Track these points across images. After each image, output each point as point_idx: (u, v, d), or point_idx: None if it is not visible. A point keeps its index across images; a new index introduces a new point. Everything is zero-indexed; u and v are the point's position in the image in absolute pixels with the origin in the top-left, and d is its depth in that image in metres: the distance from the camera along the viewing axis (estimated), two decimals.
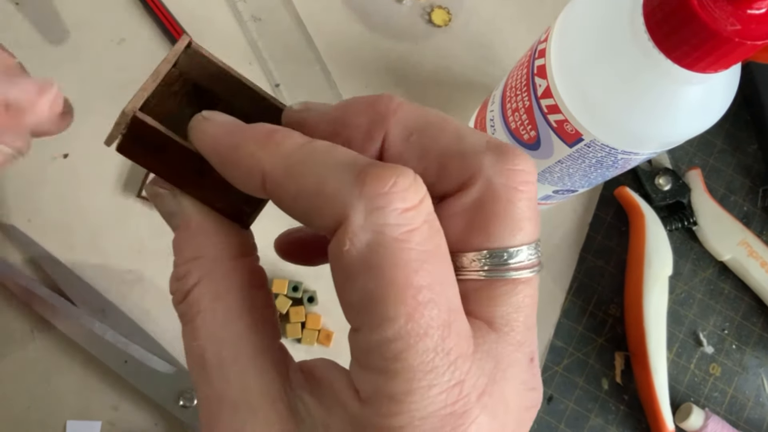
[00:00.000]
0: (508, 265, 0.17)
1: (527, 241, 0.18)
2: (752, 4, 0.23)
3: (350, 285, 0.16)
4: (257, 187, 0.17)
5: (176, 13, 0.42)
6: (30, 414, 0.36)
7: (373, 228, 0.15)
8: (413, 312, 0.15)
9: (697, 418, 0.40)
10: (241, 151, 0.17)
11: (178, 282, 0.19)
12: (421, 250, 0.16)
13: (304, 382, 0.18)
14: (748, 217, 0.46)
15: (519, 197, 0.17)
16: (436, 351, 0.15)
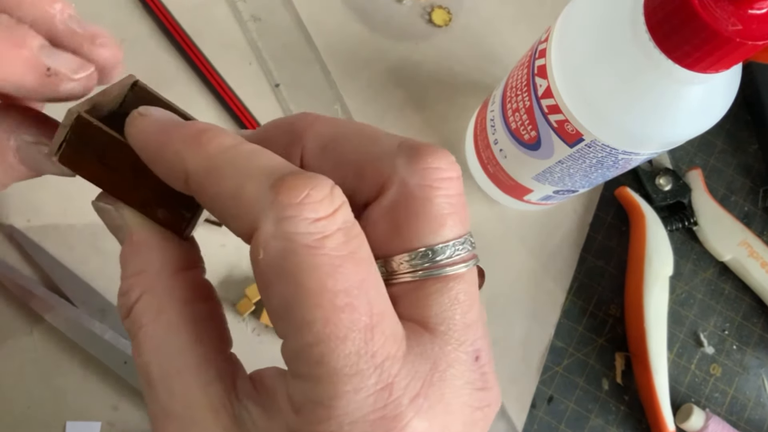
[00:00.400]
0: (436, 263, 0.17)
1: (452, 236, 0.17)
2: (753, 4, 0.23)
3: (269, 292, 0.16)
4: (182, 186, 0.18)
5: (176, 13, 0.42)
6: (29, 414, 0.36)
7: (283, 236, 0.15)
8: (330, 315, 0.15)
9: (698, 418, 0.40)
10: (168, 148, 0.18)
11: (122, 297, 0.19)
12: (335, 256, 0.16)
13: (252, 392, 0.18)
14: (748, 218, 0.46)
15: (436, 194, 0.18)
16: (359, 354, 0.15)
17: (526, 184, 0.38)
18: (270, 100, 0.43)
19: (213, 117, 0.42)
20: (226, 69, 0.42)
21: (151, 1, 0.42)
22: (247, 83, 0.43)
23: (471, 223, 0.39)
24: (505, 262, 0.43)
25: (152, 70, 0.42)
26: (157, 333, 0.18)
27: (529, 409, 0.41)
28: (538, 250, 0.43)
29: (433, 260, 0.17)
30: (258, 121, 0.41)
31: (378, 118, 0.44)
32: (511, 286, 0.42)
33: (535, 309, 0.42)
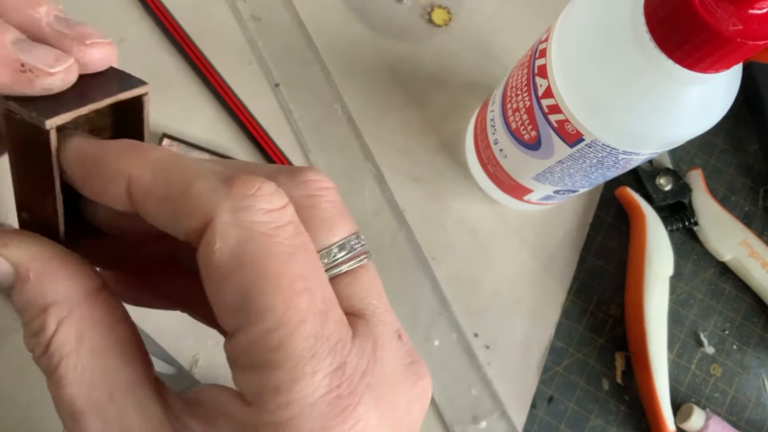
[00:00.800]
0: (339, 259, 0.18)
1: (346, 234, 0.19)
2: (754, 4, 0.23)
3: (225, 285, 0.16)
4: (120, 193, 0.17)
5: (176, 13, 0.42)
6: (30, 413, 0.36)
7: (240, 225, 0.16)
8: (290, 299, 0.16)
9: (698, 418, 0.40)
10: (107, 156, 0.17)
11: (35, 338, 0.18)
12: (290, 244, 0.16)
13: (185, 408, 0.18)
14: (749, 218, 0.46)
15: (320, 201, 0.19)
16: (316, 337, 0.16)
17: (526, 184, 0.38)
18: (270, 100, 0.43)
19: (213, 117, 0.42)
20: (225, 69, 0.42)
21: (151, 1, 0.42)
22: (246, 83, 0.43)
23: (472, 222, 0.39)
24: (505, 262, 0.43)
25: (152, 70, 0.42)
26: (81, 361, 0.18)
27: (529, 409, 0.41)
28: (538, 249, 0.43)
29: (336, 257, 0.18)
30: (258, 121, 0.41)
31: (378, 118, 0.44)
32: (511, 285, 0.42)
33: (535, 309, 0.42)
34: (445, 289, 0.41)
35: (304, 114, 0.42)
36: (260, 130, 0.41)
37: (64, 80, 0.18)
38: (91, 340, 0.18)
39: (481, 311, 0.42)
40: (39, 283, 0.18)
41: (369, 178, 0.42)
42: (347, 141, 0.43)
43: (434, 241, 0.42)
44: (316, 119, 0.43)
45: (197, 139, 0.41)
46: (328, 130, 0.42)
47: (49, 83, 0.18)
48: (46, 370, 0.18)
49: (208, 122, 0.42)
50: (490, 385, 0.40)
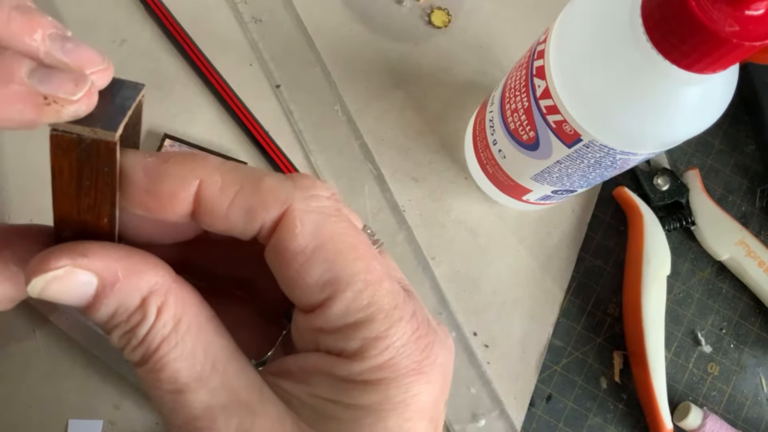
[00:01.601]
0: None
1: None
2: (750, 5, 0.23)
3: (310, 263, 0.18)
4: (187, 198, 0.18)
5: (177, 15, 0.43)
6: (32, 413, 0.36)
7: (313, 210, 0.19)
8: (369, 264, 0.19)
9: (696, 417, 0.40)
10: (172, 164, 0.18)
11: (130, 333, 0.18)
12: (349, 223, 0.19)
13: (274, 375, 0.20)
14: (746, 217, 0.46)
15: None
16: (392, 292, 0.19)
17: (524, 184, 0.38)
18: (271, 101, 0.43)
19: (214, 118, 0.42)
20: (227, 70, 0.42)
21: (152, 2, 0.42)
22: (247, 84, 0.43)
23: (471, 222, 0.39)
24: (504, 262, 0.43)
25: (153, 71, 0.42)
26: (182, 339, 0.18)
27: (527, 407, 0.41)
28: (536, 249, 0.43)
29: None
30: (259, 122, 0.41)
31: (378, 118, 0.44)
32: (510, 285, 0.43)
33: (534, 308, 0.43)
34: (445, 288, 0.42)
35: (305, 114, 0.43)
36: (261, 131, 0.41)
37: (88, 105, 0.18)
38: (188, 319, 0.19)
39: (480, 310, 0.42)
40: (131, 280, 0.18)
41: (369, 178, 0.42)
42: (347, 141, 0.43)
43: (434, 241, 0.42)
44: (317, 120, 0.43)
45: (198, 140, 0.41)
46: (328, 130, 0.43)
47: (75, 110, 0.18)
48: (142, 358, 0.18)
49: (209, 123, 0.42)
50: (489, 384, 0.41)
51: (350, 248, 0.19)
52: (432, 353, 0.19)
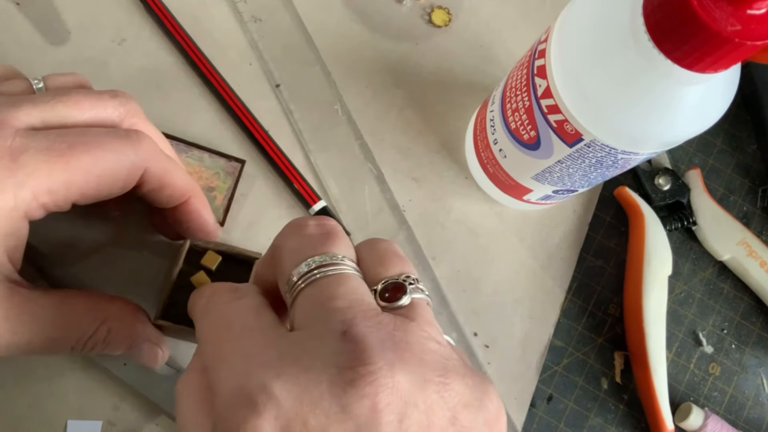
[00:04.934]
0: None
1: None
2: (752, 4, 0.23)
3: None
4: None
5: (177, 14, 0.43)
6: (31, 413, 0.36)
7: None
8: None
9: (697, 417, 0.40)
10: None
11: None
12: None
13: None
14: (747, 217, 0.46)
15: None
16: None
17: (525, 184, 0.38)
18: (270, 101, 0.43)
19: (213, 117, 0.42)
20: (226, 69, 0.42)
21: (152, 2, 0.42)
22: (247, 84, 0.43)
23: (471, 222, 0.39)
24: (505, 262, 0.43)
25: (153, 70, 0.42)
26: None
27: (528, 408, 0.41)
28: (537, 249, 0.43)
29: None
30: (258, 122, 0.41)
31: (378, 118, 0.44)
32: (510, 285, 0.42)
33: (535, 308, 0.42)
34: (445, 288, 0.41)
35: (305, 114, 0.43)
36: (261, 131, 0.41)
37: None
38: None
39: (480, 311, 0.42)
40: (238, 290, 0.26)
41: (369, 178, 0.42)
42: (347, 141, 0.43)
43: (434, 241, 0.42)
44: (317, 119, 0.43)
45: (198, 139, 0.41)
46: (328, 130, 0.43)
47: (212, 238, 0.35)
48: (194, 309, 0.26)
49: (208, 122, 0.42)
50: None
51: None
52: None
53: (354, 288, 0.22)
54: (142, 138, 0.30)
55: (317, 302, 0.22)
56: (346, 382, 0.19)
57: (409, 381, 0.20)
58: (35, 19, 0.42)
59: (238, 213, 0.41)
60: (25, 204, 0.27)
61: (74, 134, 0.28)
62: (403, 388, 0.20)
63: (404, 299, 0.23)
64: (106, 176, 0.29)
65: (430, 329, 0.22)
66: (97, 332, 0.31)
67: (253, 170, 0.41)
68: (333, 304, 0.21)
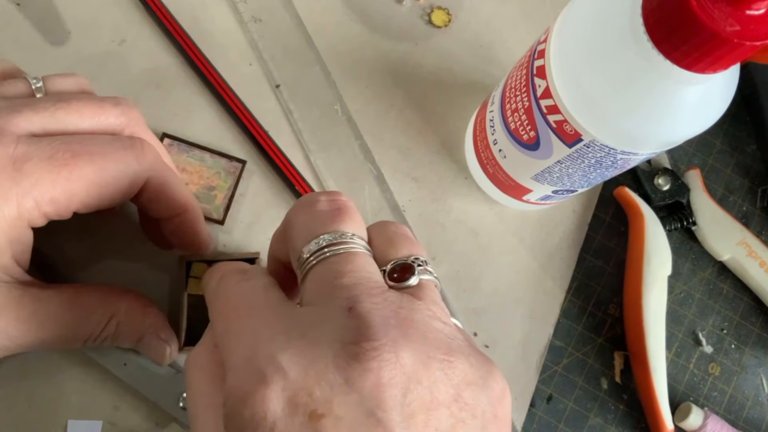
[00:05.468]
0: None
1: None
2: (751, 4, 0.23)
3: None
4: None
5: (177, 15, 0.43)
6: (31, 413, 0.36)
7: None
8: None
9: (697, 417, 0.40)
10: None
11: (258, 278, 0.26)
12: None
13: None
14: (747, 217, 0.46)
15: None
16: None
17: (525, 184, 0.38)
18: (270, 101, 0.43)
19: (213, 117, 0.42)
20: (226, 70, 0.42)
21: (152, 2, 0.42)
22: (247, 84, 0.43)
23: (471, 222, 0.40)
24: (505, 262, 0.43)
25: (152, 70, 0.42)
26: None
27: (528, 407, 0.41)
28: (537, 249, 0.43)
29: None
30: (258, 122, 0.41)
31: (378, 118, 0.44)
32: (510, 285, 0.43)
33: (534, 308, 0.42)
34: (445, 288, 0.42)
35: (305, 114, 0.43)
36: (261, 131, 0.41)
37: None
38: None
39: (480, 310, 0.42)
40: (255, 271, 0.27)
41: (369, 178, 0.42)
42: (347, 141, 0.43)
43: (434, 241, 0.42)
44: (317, 119, 0.43)
45: (198, 139, 0.41)
46: (328, 130, 0.43)
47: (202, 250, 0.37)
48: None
49: (208, 122, 0.42)
50: None
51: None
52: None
53: (362, 265, 0.23)
54: (145, 147, 0.30)
55: (325, 279, 0.22)
56: (351, 356, 0.20)
57: (413, 357, 0.20)
58: (35, 19, 0.42)
59: (238, 212, 0.41)
60: (28, 213, 0.27)
61: (78, 142, 0.28)
62: (406, 364, 0.20)
63: (412, 279, 0.23)
64: (109, 186, 0.29)
65: (436, 309, 0.23)
66: (107, 327, 0.32)
67: (253, 170, 0.41)
68: (340, 281, 0.22)
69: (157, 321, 0.35)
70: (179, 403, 0.36)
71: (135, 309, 0.33)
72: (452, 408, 0.20)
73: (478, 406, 0.21)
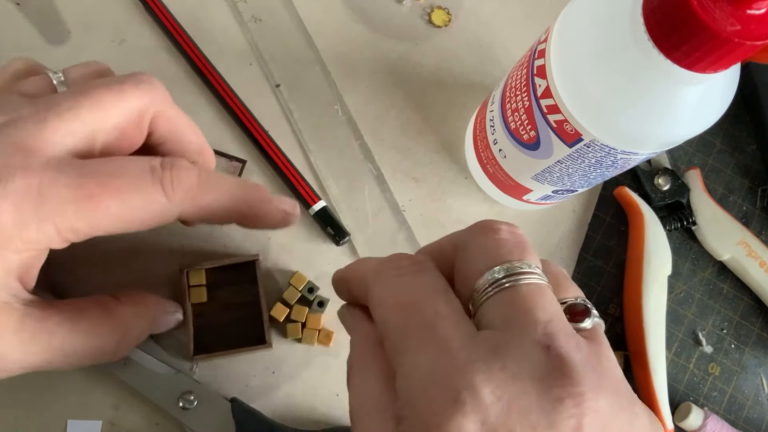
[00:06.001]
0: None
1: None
2: (752, 4, 0.23)
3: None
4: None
5: (177, 15, 0.43)
6: (31, 413, 0.36)
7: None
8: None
9: (697, 417, 0.40)
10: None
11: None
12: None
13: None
14: (747, 217, 0.46)
15: None
16: None
17: (525, 184, 0.38)
18: (270, 101, 0.43)
19: (213, 117, 0.42)
20: (226, 69, 0.42)
21: (152, 2, 0.42)
22: (247, 83, 0.43)
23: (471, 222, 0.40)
24: None
25: (152, 70, 0.42)
26: None
27: None
28: (537, 249, 0.43)
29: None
30: (258, 122, 0.41)
31: (378, 118, 0.44)
32: None
33: None
34: None
35: (305, 114, 0.43)
36: (261, 131, 0.41)
37: (296, 218, 0.34)
38: None
39: None
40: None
41: (369, 178, 0.42)
42: (347, 141, 0.43)
43: None
44: (316, 119, 0.43)
45: None
46: (328, 130, 0.43)
47: (293, 220, 0.34)
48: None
49: (209, 122, 0.42)
50: None
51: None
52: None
53: (552, 301, 0.22)
54: (176, 182, 0.28)
55: (517, 308, 0.21)
56: (555, 398, 0.19)
57: (609, 406, 0.20)
58: (35, 19, 0.42)
59: None
60: (48, 238, 0.27)
61: (106, 174, 0.27)
62: (604, 413, 0.20)
63: (587, 322, 0.23)
64: (135, 221, 0.28)
65: (612, 356, 0.22)
66: (124, 338, 0.32)
67: (253, 170, 0.41)
68: (535, 314, 0.21)
69: (160, 303, 0.36)
70: (179, 403, 0.36)
71: (140, 309, 0.34)
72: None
73: None
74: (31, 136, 0.27)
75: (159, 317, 0.35)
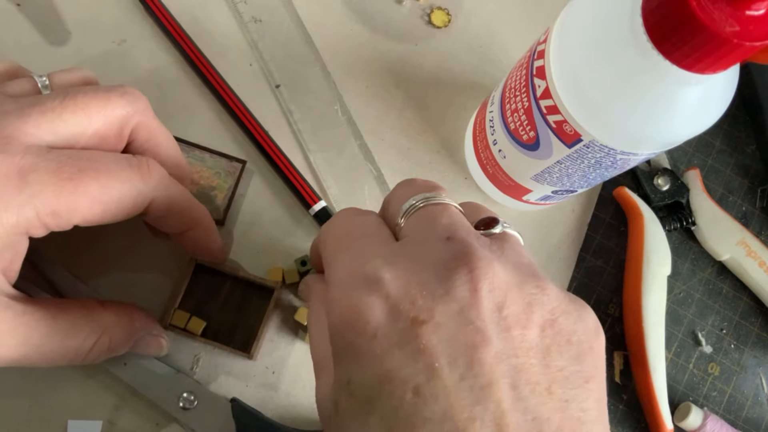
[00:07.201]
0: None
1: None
2: (751, 5, 0.23)
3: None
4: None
5: (177, 15, 0.43)
6: (31, 413, 0.36)
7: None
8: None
9: (696, 417, 0.40)
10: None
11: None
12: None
13: None
14: (746, 217, 0.46)
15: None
16: None
17: (524, 185, 0.38)
18: (270, 101, 0.43)
19: (213, 117, 0.42)
20: (226, 70, 0.42)
21: (152, 2, 0.42)
22: (247, 84, 0.43)
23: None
24: None
25: (152, 70, 0.42)
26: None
27: None
28: (536, 249, 0.43)
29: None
30: (258, 122, 0.41)
31: (378, 118, 0.44)
32: None
33: None
34: None
35: (305, 114, 0.43)
36: (261, 131, 0.41)
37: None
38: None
39: None
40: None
41: (369, 178, 0.42)
42: (347, 141, 0.43)
43: None
44: (316, 120, 0.43)
45: (198, 139, 0.41)
46: (328, 130, 0.43)
47: (222, 259, 0.39)
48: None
49: (208, 122, 0.42)
50: None
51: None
52: None
53: (457, 213, 0.25)
54: (152, 167, 0.30)
55: (426, 218, 0.24)
56: (451, 270, 0.21)
57: (508, 278, 0.22)
58: (35, 19, 0.42)
59: (238, 212, 0.41)
60: (28, 222, 0.27)
61: (86, 159, 0.28)
62: (501, 280, 0.21)
63: (497, 227, 0.25)
64: (112, 204, 0.29)
65: (522, 251, 0.24)
66: (99, 343, 0.32)
67: (253, 170, 0.41)
68: (439, 219, 0.24)
69: (146, 321, 0.35)
70: (179, 403, 0.36)
71: (122, 319, 0.33)
72: (547, 330, 0.21)
73: (573, 333, 0.22)
74: (12, 125, 0.27)
75: (140, 335, 0.35)
